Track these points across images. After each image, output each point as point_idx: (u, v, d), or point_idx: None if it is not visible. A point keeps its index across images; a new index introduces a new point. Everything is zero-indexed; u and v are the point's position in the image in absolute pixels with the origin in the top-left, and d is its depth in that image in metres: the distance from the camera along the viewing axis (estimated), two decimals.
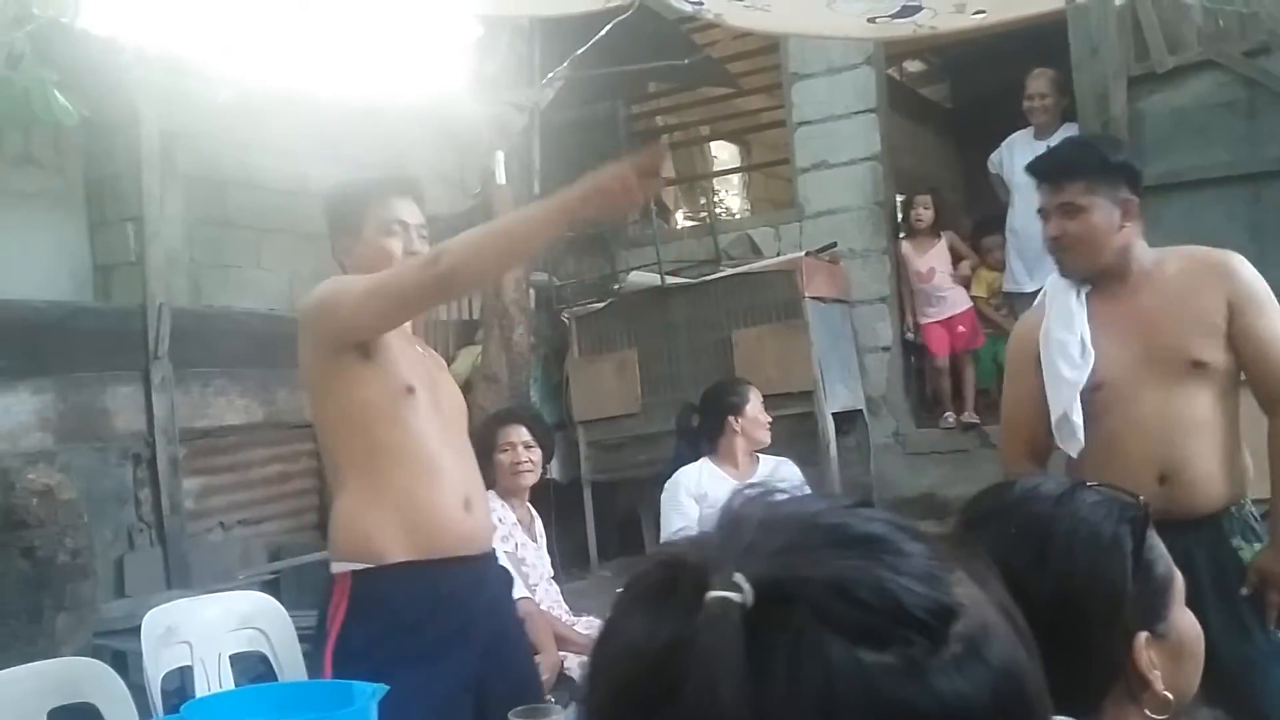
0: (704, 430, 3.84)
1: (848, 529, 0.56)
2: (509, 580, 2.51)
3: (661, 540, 3.74)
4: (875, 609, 0.52)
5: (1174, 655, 1.08)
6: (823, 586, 0.52)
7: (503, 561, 3.41)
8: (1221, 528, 2.29)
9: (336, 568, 2.23)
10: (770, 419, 3.83)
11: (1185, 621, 1.11)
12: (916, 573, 0.54)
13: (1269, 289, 2.35)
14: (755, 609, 0.52)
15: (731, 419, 3.74)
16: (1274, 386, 2.28)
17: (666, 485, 3.77)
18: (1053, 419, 2.39)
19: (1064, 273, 2.45)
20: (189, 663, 3.03)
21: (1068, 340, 2.39)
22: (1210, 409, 2.29)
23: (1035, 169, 2.49)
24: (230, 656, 3.12)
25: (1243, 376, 2.36)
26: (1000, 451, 2.69)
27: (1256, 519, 2.33)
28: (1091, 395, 2.36)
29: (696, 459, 3.79)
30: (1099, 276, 2.41)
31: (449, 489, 2.25)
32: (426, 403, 2.26)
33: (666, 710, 0.52)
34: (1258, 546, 2.28)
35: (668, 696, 0.52)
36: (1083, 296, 2.43)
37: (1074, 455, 2.39)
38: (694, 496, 3.65)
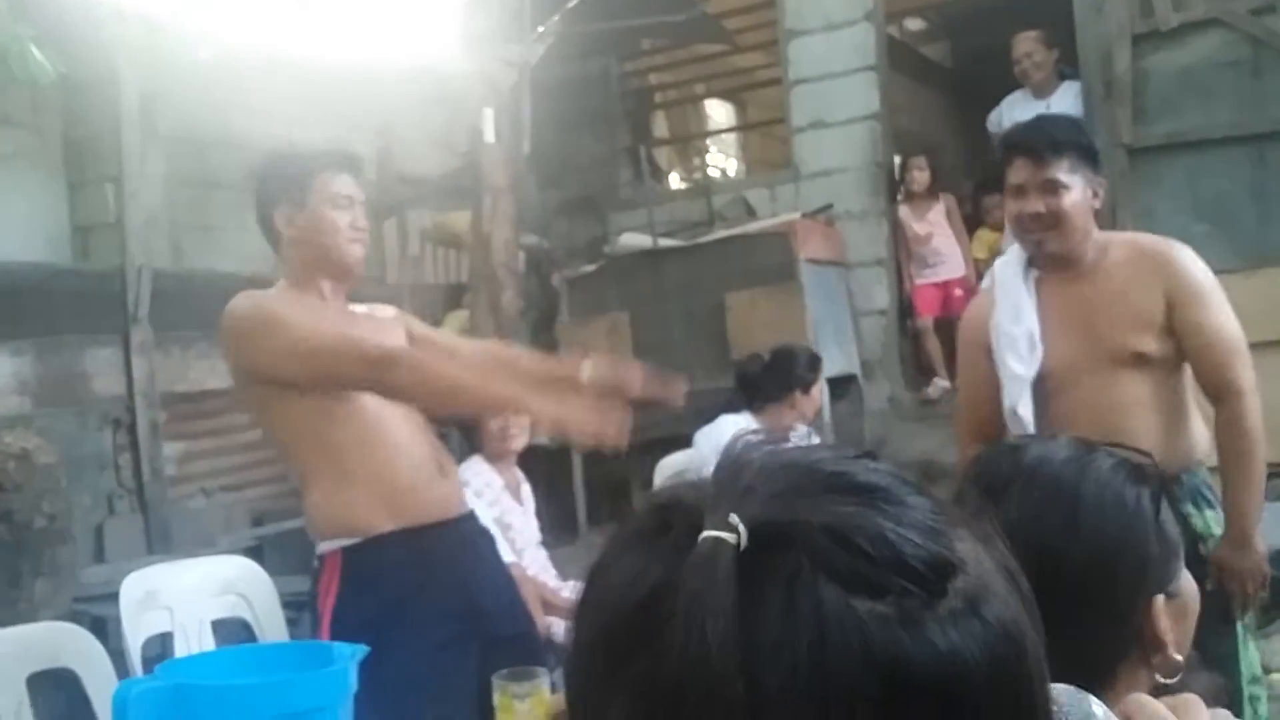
0: (764, 388, 3.79)
1: (850, 477, 0.55)
2: (491, 538, 2.51)
3: None
4: (873, 557, 0.51)
5: (1180, 615, 1.09)
6: (820, 531, 0.52)
7: (489, 526, 3.38)
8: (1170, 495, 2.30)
9: (324, 547, 2.24)
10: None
11: (1187, 582, 1.11)
12: (918, 525, 0.53)
13: (1211, 279, 2.36)
14: (749, 551, 0.51)
15: (799, 393, 3.74)
16: (1216, 377, 2.31)
17: (704, 431, 3.74)
18: (1005, 410, 2.43)
19: (1036, 253, 2.43)
20: (169, 628, 2.99)
21: (1017, 334, 2.43)
22: (1151, 391, 2.32)
23: (1016, 142, 2.44)
24: (212, 622, 3.07)
25: None
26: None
27: (1209, 487, 2.36)
28: (1039, 383, 2.41)
29: (739, 411, 3.75)
30: (1055, 260, 2.41)
31: (418, 459, 2.25)
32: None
33: (652, 650, 0.51)
34: (1209, 514, 2.31)
35: (654, 636, 0.51)
36: (1031, 285, 2.44)
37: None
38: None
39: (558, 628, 3.30)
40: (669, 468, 3.94)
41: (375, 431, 2.22)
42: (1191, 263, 2.35)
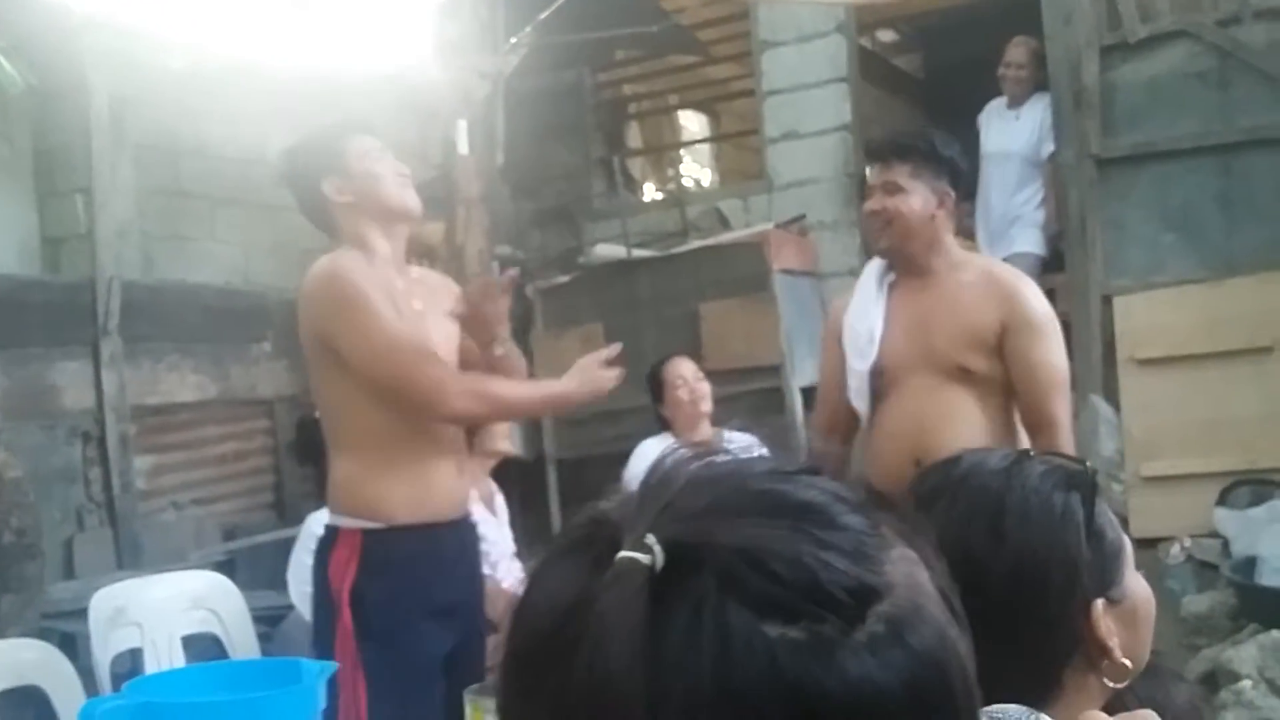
0: (655, 404, 3.97)
1: (779, 495, 0.54)
2: (478, 537, 2.62)
3: None
4: (786, 581, 0.50)
5: (1128, 621, 1.09)
6: (732, 553, 0.50)
7: None
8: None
9: (344, 522, 2.31)
10: (704, 385, 3.92)
11: (1137, 585, 1.11)
12: (843, 547, 0.52)
13: (1049, 315, 2.53)
14: (664, 572, 0.50)
15: (664, 391, 3.88)
16: (1036, 408, 2.45)
17: (630, 458, 3.77)
18: (843, 398, 2.63)
19: (874, 250, 2.62)
20: (139, 645, 2.97)
21: (859, 331, 2.59)
22: (974, 406, 2.47)
23: (870, 147, 2.67)
24: (183, 638, 3.05)
25: None
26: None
27: None
28: (876, 379, 2.57)
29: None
30: (906, 265, 2.56)
31: (446, 459, 2.36)
32: None
33: (564, 667, 0.51)
34: None
35: (567, 654, 0.51)
36: (885, 287, 2.61)
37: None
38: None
39: None
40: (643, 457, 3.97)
41: (415, 430, 2.30)
42: (1033, 296, 2.51)
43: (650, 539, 0.51)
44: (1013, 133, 5.38)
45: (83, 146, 4.62)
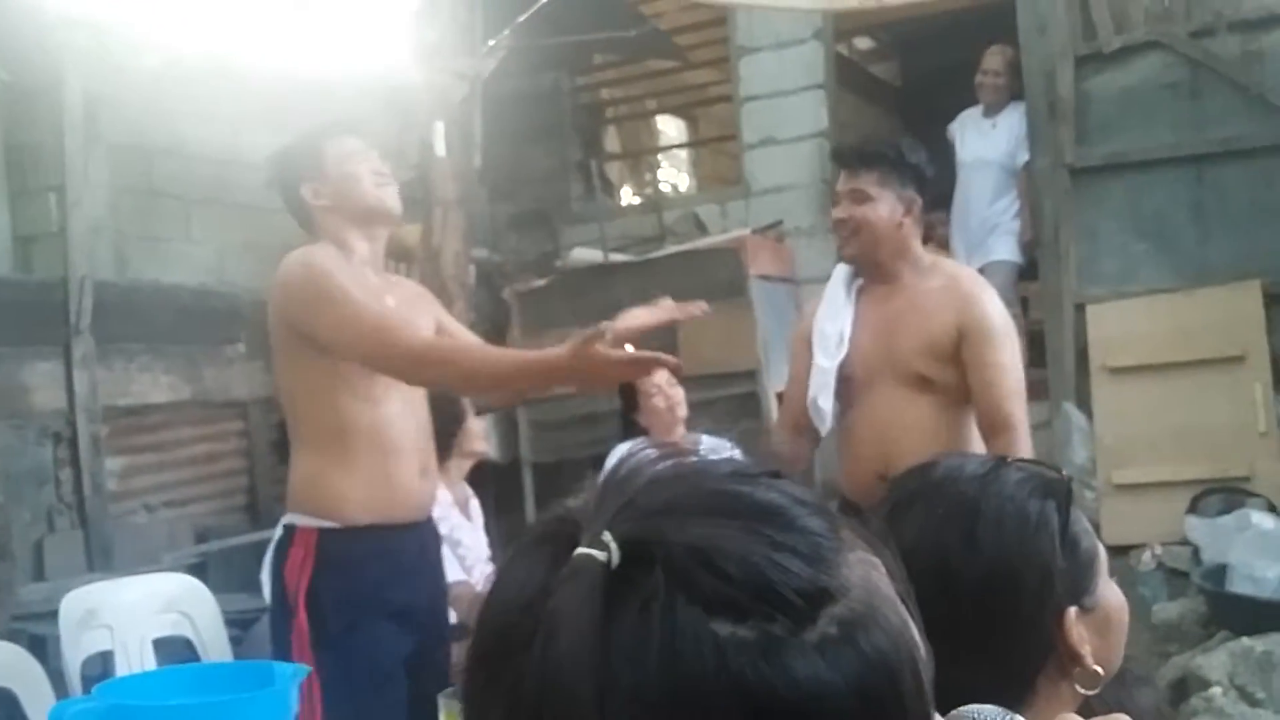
0: (625, 410, 3.96)
1: (737, 496, 0.55)
2: (440, 540, 2.55)
3: None
4: (736, 581, 0.51)
5: (1101, 629, 1.09)
6: (685, 551, 0.51)
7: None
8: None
9: (299, 520, 2.28)
10: (678, 391, 3.89)
11: (1111, 594, 1.12)
12: (798, 549, 0.53)
13: (1006, 321, 2.54)
14: (618, 569, 0.51)
15: (637, 396, 3.85)
16: (991, 415, 2.46)
17: (606, 461, 3.77)
18: (807, 400, 2.61)
19: (842, 257, 2.63)
20: (110, 647, 2.94)
21: (829, 332, 2.60)
22: (933, 416, 2.49)
23: (837, 155, 2.67)
24: (154, 641, 3.02)
25: None
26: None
27: None
28: (843, 385, 2.59)
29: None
30: (873, 272, 2.58)
31: (408, 460, 2.31)
32: None
33: (521, 661, 0.52)
34: None
35: (523, 648, 0.52)
36: (853, 292, 2.62)
37: (822, 434, 2.65)
38: None
39: None
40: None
41: (386, 426, 2.28)
42: (989, 302, 2.52)
43: (607, 536, 0.52)
44: (990, 141, 5.41)
45: (56, 144, 4.58)
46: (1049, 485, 1.11)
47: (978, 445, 2.51)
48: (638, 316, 2.21)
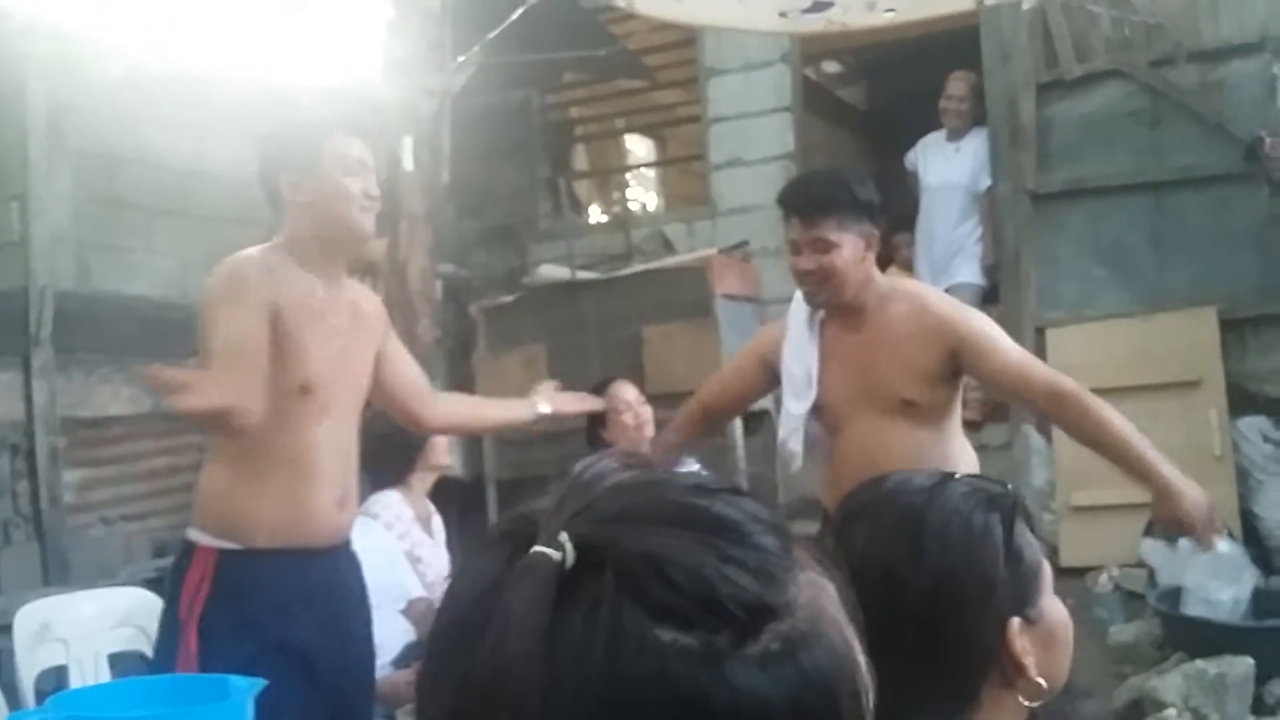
0: (591, 426, 3.90)
1: (695, 509, 0.55)
2: (359, 566, 2.42)
3: None
4: (683, 590, 0.52)
5: (1045, 642, 1.11)
6: (636, 558, 0.52)
7: (399, 559, 3.34)
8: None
9: (200, 538, 2.18)
10: (647, 410, 3.86)
11: (1055, 609, 1.14)
12: (749, 565, 0.53)
13: (988, 323, 2.56)
14: (571, 570, 0.52)
15: (605, 414, 3.80)
16: (1040, 389, 2.46)
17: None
18: (778, 439, 2.62)
19: (811, 304, 2.58)
20: (65, 661, 2.90)
21: (796, 374, 2.59)
22: (918, 437, 2.48)
23: (788, 202, 2.56)
24: (109, 655, 2.99)
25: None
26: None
27: None
28: (820, 415, 2.58)
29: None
30: (840, 308, 2.56)
31: (326, 489, 2.22)
32: (321, 400, 2.19)
33: (469, 651, 0.53)
34: None
35: (473, 639, 0.53)
36: (816, 326, 2.60)
37: (791, 472, 2.66)
38: None
39: None
40: None
41: (305, 451, 2.18)
42: (970, 316, 2.54)
43: (563, 536, 0.53)
44: (954, 165, 5.48)
45: (19, 153, 4.54)
46: (994, 499, 1.13)
47: (963, 458, 2.53)
48: (566, 404, 2.52)
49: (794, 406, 2.59)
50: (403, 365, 2.52)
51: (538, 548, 0.53)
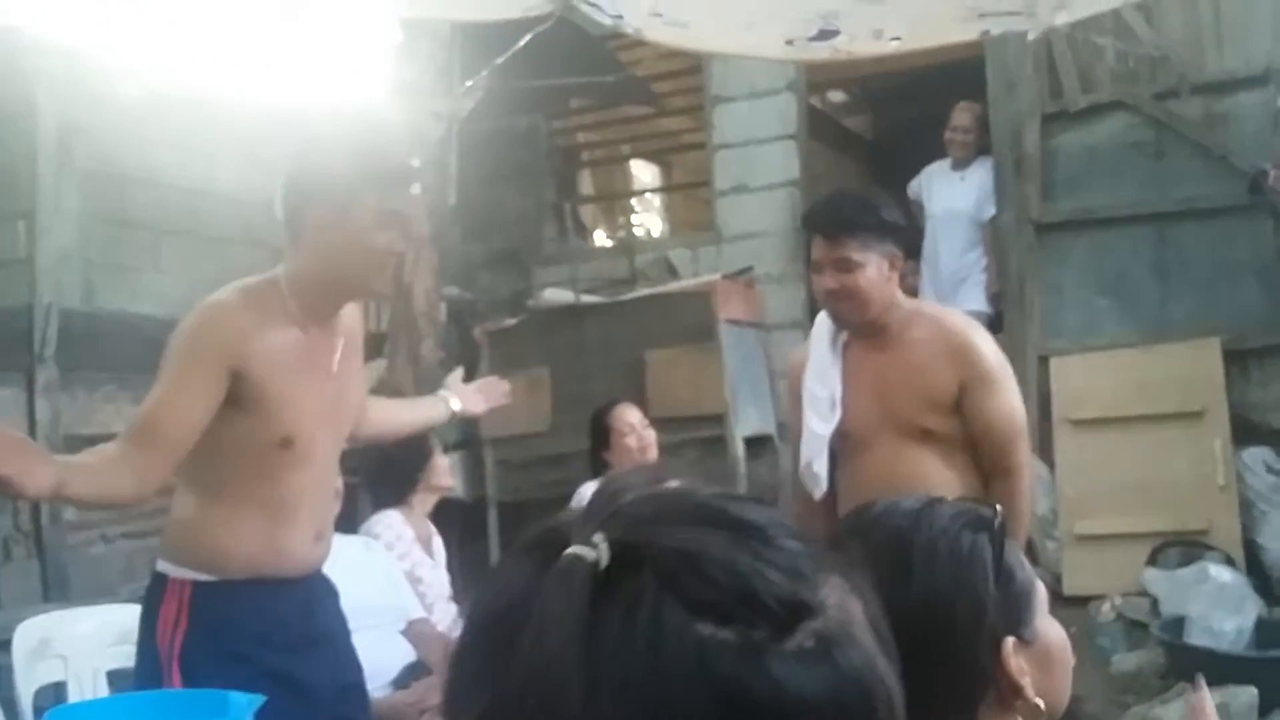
0: (595, 449, 3.94)
1: (725, 512, 0.57)
2: (336, 594, 2.37)
3: None
4: (722, 586, 0.52)
5: (1043, 663, 1.11)
6: (673, 555, 0.53)
7: (400, 580, 3.33)
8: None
9: (172, 570, 2.12)
10: (651, 433, 3.91)
11: (1051, 629, 1.14)
12: (781, 565, 0.54)
13: (1003, 364, 2.55)
14: (607, 570, 0.53)
15: (609, 437, 3.87)
16: (997, 458, 2.49)
17: (572, 501, 3.75)
18: (800, 465, 2.60)
19: (836, 324, 2.59)
20: (63, 678, 2.90)
21: (820, 396, 2.58)
22: (938, 465, 2.48)
23: (813, 221, 2.59)
24: (108, 672, 2.98)
25: None
26: None
27: None
28: (841, 440, 2.57)
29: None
30: (863, 329, 2.56)
31: (303, 528, 2.17)
32: (303, 450, 2.12)
33: (508, 656, 0.53)
34: None
35: (509, 643, 0.53)
36: (839, 347, 2.60)
37: (816, 498, 2.59)
38: None
39: None
40: (584, 500, 3.98)
41: (275, 504, 2.12)
42: (984, 346, 2.52)
43: (598, 537, 0.54)
44: (960, 194, 5.50)
45: (28, 170, 4.55)
46: (981, 519, 1.14)
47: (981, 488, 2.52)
48: (471, 404, 2.55)
49: (819, 427, 2.57)
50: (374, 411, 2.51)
51: (573, 549, 0.54)
